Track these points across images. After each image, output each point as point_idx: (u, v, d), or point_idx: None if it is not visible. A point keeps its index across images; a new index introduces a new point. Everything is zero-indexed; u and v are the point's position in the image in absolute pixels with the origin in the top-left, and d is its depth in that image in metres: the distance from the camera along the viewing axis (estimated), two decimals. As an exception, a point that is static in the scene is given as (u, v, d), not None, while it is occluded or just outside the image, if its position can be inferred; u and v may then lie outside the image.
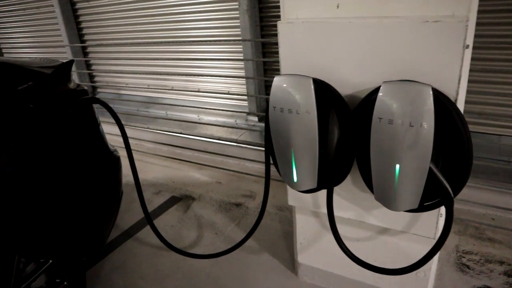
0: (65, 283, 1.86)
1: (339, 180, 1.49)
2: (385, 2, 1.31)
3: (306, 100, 1.30)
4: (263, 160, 3.25)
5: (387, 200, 1.33)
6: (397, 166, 1.23)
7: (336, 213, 1.67)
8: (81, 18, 5.12)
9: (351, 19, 1.35)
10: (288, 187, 1.80)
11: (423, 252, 1.59)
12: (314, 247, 2.03)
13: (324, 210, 1.78)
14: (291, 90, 1.32)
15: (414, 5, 1.26)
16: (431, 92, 1.12)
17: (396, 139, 1.20)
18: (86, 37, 5.24)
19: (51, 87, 1.81)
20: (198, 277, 2.24)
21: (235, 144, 3.43)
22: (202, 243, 2.54)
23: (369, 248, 1.82)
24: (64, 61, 2.03)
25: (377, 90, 1.26)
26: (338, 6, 1.40)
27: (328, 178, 1.46)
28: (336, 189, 1.63)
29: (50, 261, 1.78)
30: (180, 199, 3.09)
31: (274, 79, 1.35)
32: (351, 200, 1.65)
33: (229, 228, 2.66)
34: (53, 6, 5.09)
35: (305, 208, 1.89)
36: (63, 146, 1.79)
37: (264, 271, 2.25)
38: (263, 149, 3.25)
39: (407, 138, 1.18)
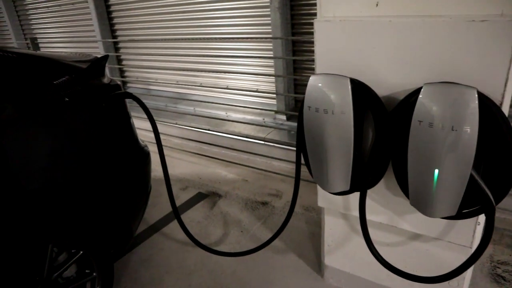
0: (94, 274, 1.89)
1: (372, 183, 1.46)
2: (428, 1, 1.27)
3: (343, 100, 1.27)
4: (290, 159, 3.25)
5: (423, 205, 1.28)
6: (436, 171, 1.18)
7: (368, 216, 1.63)
8: (114, 14, 5.21)
9: (391, 18, 1.30)
10: (319, 188, 1.77)
11: (457, 260, 1.54)
12: (342, 250, 1.99)
13: (354, 212, 1.74)
14: (328, 90, 1.29)
15: (460, 3, 1.21)
16: (476, 95, 1.07)
17: (436, 143, 1.15)
18: (118, 33, 5.33)
19: (86, 81, 1.85)
20: (223, 275, 2.24)
21: (263, 142, 3.41)
22: (228, 240, 2.54)
23: (399, 253, 1.77)
24: (99, 56, 2.06)
25: (417, 92, 1.21)
26: (377, 4, 1.36)
27: (361, 181, 1.42)
28: (368, 192, 1.59)
29: (81, 252, 1.81)
30: (207, 195, 3.10)
31: (310, 78, 1.33)
32: (383, 204, 1.61)
33: (255, 227, 2.65)
34: (87, 2, 5.20)
35: (335, 210, 1.85)
36: (96, 140, 1.82)
37: (289, 271, 2.23)
38: (291, 148, 3.26)
39: (448, 142, 1.14)
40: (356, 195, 1.68)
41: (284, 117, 3.70)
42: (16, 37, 6.86)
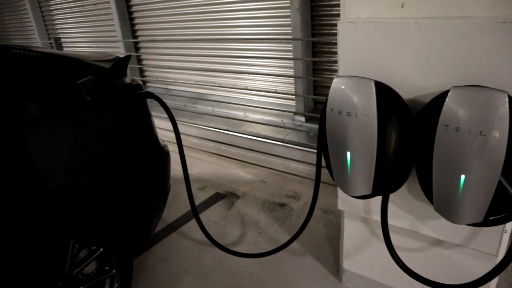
0: (113, 271, 1.91)
1: (395, 187, 1.43)
2: (456, 2, 1.24)
3: (367, 103, 1.25)
4: (309, 161, 3.23)
5: (448, 211, 1.25)
6: (462, 176, 1.15)
7: (389, 221, 1.60)
8: (135, 15, 5.28)
9: (417, 20, 1.28)
10: (339, 191, 1.75)
11: (481, 268, 1.51)
12: (361, 254, 1.96)
13: (375, 217, 1.72)
14: (351, 92, 1.27)
15: (490, 4, 1.17)
16: (507, 99, 1.04)
17: (463, 148, 1.13)
18: (138, 33, 5.40)
19: (108, 81, 1.87)
20: (240, 275, 2.24)
21: (281, 143, 3.40)
22: (245, 241, 2.54)
23: (419, 259, 1.74)
24: (121, 55, 2.08)
25: (443, 95, 1.19)
26: (402, 6, 1.34)
27: (384, 185, 1.40)
28: (390, 196, 1.56)
29: (101, 249, 1.83)
30: (225, 195, 3.10)
31: (334, 80, 1.31)
32: (405, 209, 1.58)
33: (273, 228, 2.64)
34: (109, 3, 5.28)
35: (355, 214, 1.83)
36: (118, 139, 1.84)
37: (307, 274, 2.21)
38: (309, 149, 3.24)
39: (475, 147, 1.11)
40: (377, 199, 1.65)
41: (303, 119, 3.68)
42: (41, 36, 7.02)
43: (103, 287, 1.92)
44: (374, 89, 1.24)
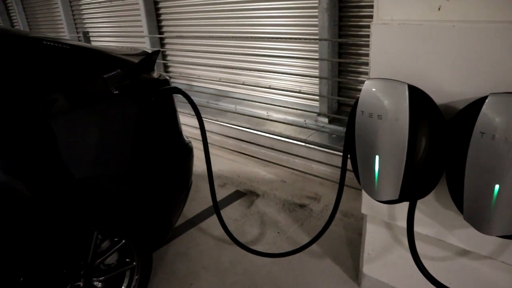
0: (134, 263, 1.93)
1: (423, 193, 1.40)
2: (496, 6, 1.20)
3: (399, 106, 1.22)
4: (331, 162, 3.20)
5: (479, 222, 1.22)
6: (497, 186, 1.12)
7: (414, 228, 1.57)
8: (161, 11, 5.33)
9: (454, 23, 1.24)
10: (364, 195, 1.73)
11: (508, 283, 1.46)
12: (382, 260, 1.93)
13: (399, 222, 1.69)
14: (384, 95, 1.25)
15: (533, 10, 1.13)
16: (548, 108, 1.00)
17: (499, 157, 1.09)
18: (164, 29, 5.45)
19: (136, 75, 1.89)
20: (258, 274, 2.24)
21: (303, 144, 3.38)
22: (264, 240, 2.53)
23: (443, 269, 1.70)
24: (150, 50, 2.10)
25: (480, 101, 1.15)
26: (439, 9, 1.30)
27: (412, 191, 1.37)
28: (417, 202, 1.53)
29: (123, 241, 1.85)
30: (245, 194, 3.10)
31: (365, 82, 1.29)
32: (432, 216, 1.54)
33: (292, 229, 2.62)
34: (137, -2, 5.35)
35: (378, 218, 1.80)
36: (144, 133, 1.85)
37: (325, 277, 2.19)
38: (331, 151, 3.20)
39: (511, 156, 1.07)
40: (403, 205, 1.62)
41: (326, 120, 3.65)
42: (69, 30, 7.17)
43: (123, 278, 1.94)
44: (407, 93, 1.21)
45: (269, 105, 4.07)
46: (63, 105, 1.54)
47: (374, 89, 1.28)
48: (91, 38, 4.86)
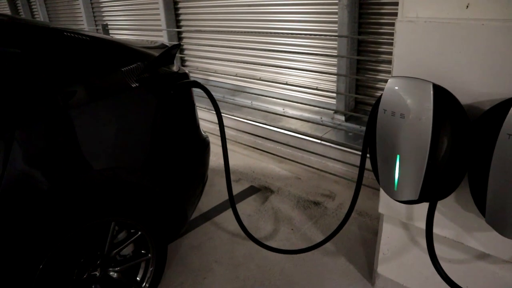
0: (149, 255, 1.95)
1: (443, 195, 1.38)
2: (527, 5, 1.17)
3: (423, 106, 1.20)
4: (346, 160, 3.18)
5: (502, 225, 1.19)
6: (522, 189, 1.09)
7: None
8: (180, 5, 5.34)
9: (483, 22, 1.21)
10: (381, 194, 1.71)
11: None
12: (397, 260, 1.91)
13: (417, 223, 1.67)
14: (407, 94, 1.23)
15: None
16: None
17: (526, 160, 1.07)
18: (182, 23, 5.46)
19: (156, 68, 1.89)
20: (271, 270, 2.24)
21: (319, 141, 3.36)
22: (278, 237, 2.53)
23: (461, 272, 1.67)
24: (171, 44, 2.11)
25: (507, 102, 1.13)
26: (467, 6, 1.27)
27: (432, 191, 1.35)
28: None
29: (139, 233, 1.87)
30: (259, 189, 3.10)
31: (389, 80, 1.27)
32: (451, 218, 1.52)
33: (306, 226, 2.61)
34: (156, -9, 5.37)
35: (395, 218, 1.78)
36: (162, 126, 1.86)
37: (339, 275, 2.18)
38: (347, 149, 3.18)
39: (539, 160, 1.04)
40: (421, 205, 1.60)
41: (342, 118, 3.62)
42: (88, 23, 7.24)
43: (138, 269, 1.96)
44: (431, 92, 1.19)
45: (285, 101, 4.05)
46: (82, 97, 1.55)
47: (397, 87, 1.26)
48: (110, 31, 4.90)
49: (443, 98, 1.24)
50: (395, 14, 3.19)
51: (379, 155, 1.40)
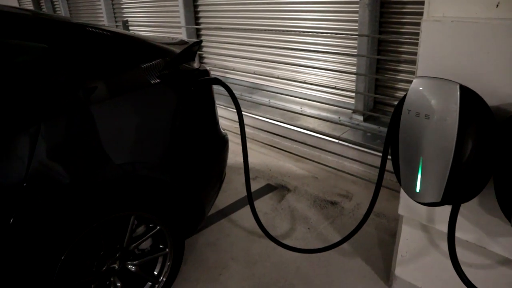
0: (167, 250, 1.96)
1: (467, 198, 1.35)
2: (561, 5, 1.13)
3: (449, 107, 1.18)
4: (364, 161, 3.15)
5: (528, 230, 1.16)
6: (551, 194, 1.07)
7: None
8: (199, 2, 5.36)
9: (514, 21, 1.19)
10: (402, 196, 1.69)
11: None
12: (416, 263, 1.89)
13: (438, 226, 1.64)
14: (433, 95, 1.21)
15: None
16: None
17: (555, 164, 1.04)
18: (201, 20, 5.48)
19: (177, 64, 1.90)
20: (287, 269, 2.24)
21: (337, 141, 3.34)
22: (294, 236, 2.52)
23: (482, 276, 1.64)
24: (193, 41, 2.12)
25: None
26: (497, 5, 1.25)
27: (456, 194, 1.33)
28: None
29: (158, 227, 1.88)
30: (276, 188, 3.10)
31: (414, 80, 1.25)
32: (474, 222, 1.49)
33: (322, 226, 2.60)
34: (175, -12, 5.40)
35: (415, 220, 1.76)
36: (183, 122, 1.87)
37: (355, 276, 2.17)
38: (365, 149, 3.15)
39: None
40: (442, 208, 1.57)
41: (361, 118, 3.59)
42: (108, 19, 7.33)
43: (155, 264, 1.98)
44: (458, 93, 1.17)
45: (303, 100, 4.04)
46: (102, 93, 1.57)
47: (423, 88, 1.24)
48: (130, 28, 4.95)
49: (469, 99, 1.21)
50: (418, 14, 3.15)
51: (402, 156, 1.39)
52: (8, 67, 1.41)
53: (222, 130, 2.22)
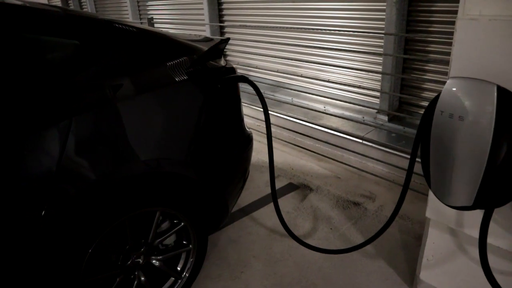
0: (190, 246, 1.98)
1: (500, 202, 1.31)
2: None
3: (485, 108, 1.15)
4: (389, 162, 3.10)
5: None
6: None
7: (485, 238, 1.48)
8: (223, 0, 5.38)
9: (555, 21, 1.14)
10: (430, 198, 1.65)
11: None
12: (442, 267, 1.85)
13: (467, 230, 1.60)
14: (468, 96, 1.18)
15: None
16: None
17: None
18: (225, 18, 5.50)
19: (205, 62, 1.91)
20: (309, 269, 2.22)
21: (360, 141, 3.29)
22: (316, 235, 2.51)
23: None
24: (219, 38, 2.12)
25: None
26: (538, 4, 1.20)
27: (489, 198, 1.29)
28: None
29: (182, 223, 1.90)
30: (298, 187, 3.09)
31: (448, 81, 1.22)
32: (507, 227, 1.45)
33: (345, 226, 2.57)
34: (200, -14, 5.43)
35: (443, 224, 1.72)
36: (208, 119, 1.88)
37: (378, 278, 2.14)
38: (390, 150, 3.10)
39: None
40: (473, 212, 1.53)
41: (385, 118, 3.53)
42: (133, 16, 7.43)
43: (178, 260, 2.00)
44: (495, 94, 1.13)
45: (326, 99, 4.00)
46: (129, 90, 1.59)
47: (457, 88, 1.21)
48: (156, 24, 5.00)
49: (507, 101, 1.17)
50: (447, 12, 3.07)
51: (433, 158, 1.36)
52: (45, 62, 1.44)
53: (247, 129, 2.22)
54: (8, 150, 1.29)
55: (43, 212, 1.36)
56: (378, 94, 3.69)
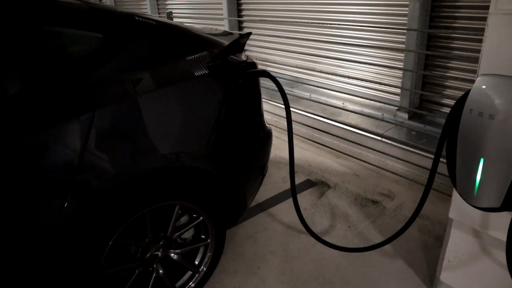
0: (208, 240, 1.98)
1: (530, 205, 1.27)
2: None
3: (518, 107, 1.11)
4: (408, 160, 3.05)
5: None
6: None
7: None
8: (242, -6, 5.37)
9: None
10: (454, 198, 1.61)
11: None
12: (464, 269, 1.81)
13: (492, 232, 1.56)
14: (500, 94, 1.14)
15: None
16: None
17: None
18: (243, 12, 5.47)
19: (226, 56, 1.90)
20: (326, 266, 2.21)
21: (379, 138, 3.25)
22: (334, 233, 2.48)
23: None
24: (238, 33, 2.10)
25: None
26: None
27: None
28: (518, 213, 1.40)
29: (201, 218, 1.90)
30: (315, 184, 3.06)
31: (479, 78, 1.18)
32: (535, 230, 1.40)
33: (363, 225, 2.55)
34: (219, -19, 5.41)
35: (466, 225, 1.68)
36: (229, 114, 1.87)
37: (396, 278, 2.11)
38: (410, 148, 3.04)
39: None
40: (499, 213, 1.49)
41: (406, 115, 3.47)
42: (152, 10, 7.46)
43: (196, 254, 2.01)
44: (529, 92, 1.09)
45: (345, 95, 3.95)
46: (150, 83, 1.59)
47: (487, 86, 1.17)
48: (175, 18, 5.01)
49: (541, 99, 1.13)
50: (472, 7, 2.99)
51: (459, 157, 1.32)
52: (69, 55, 1.45)
53: (267, 124, 2.21)
54: (32, 142, 1.30)
55: (66, 204, 1.38)
56: (398, 91, 3.62)
